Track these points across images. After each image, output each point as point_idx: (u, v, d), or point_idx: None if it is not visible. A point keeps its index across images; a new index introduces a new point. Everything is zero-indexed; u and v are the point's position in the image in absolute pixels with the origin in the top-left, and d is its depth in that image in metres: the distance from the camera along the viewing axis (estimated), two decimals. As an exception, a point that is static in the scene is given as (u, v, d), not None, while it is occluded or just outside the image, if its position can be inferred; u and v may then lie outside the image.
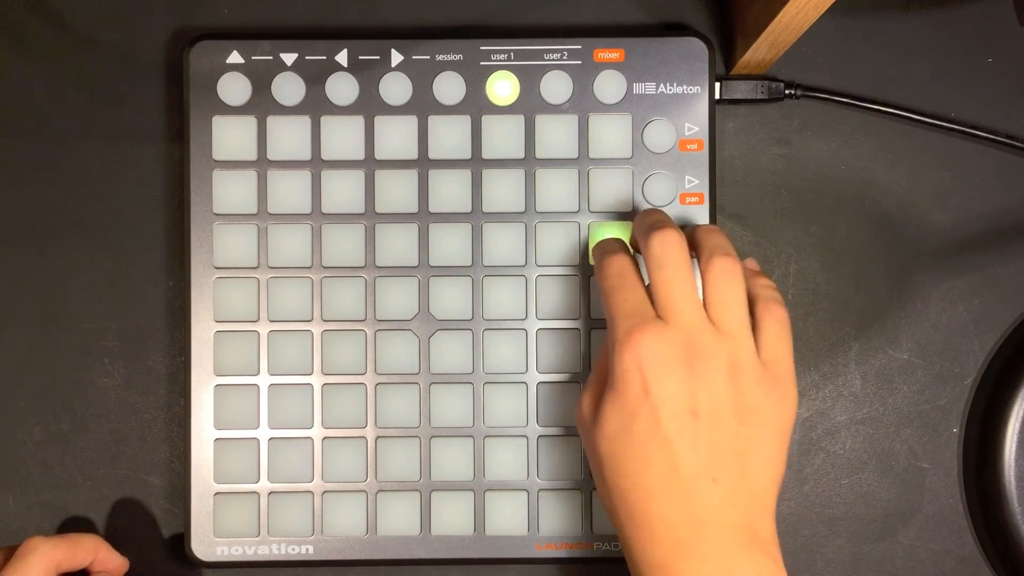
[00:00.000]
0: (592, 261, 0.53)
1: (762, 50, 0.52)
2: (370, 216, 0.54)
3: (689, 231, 0.50)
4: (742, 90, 0.55)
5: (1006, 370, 0.55)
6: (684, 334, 0.46)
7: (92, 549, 0.51)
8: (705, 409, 0.45)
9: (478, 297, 0.54)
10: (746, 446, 0.46)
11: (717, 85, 0.54)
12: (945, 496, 0.56)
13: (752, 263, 0.52)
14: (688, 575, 0.44)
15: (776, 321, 0.48)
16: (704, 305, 0.47)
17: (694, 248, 0.49)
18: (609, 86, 0.54)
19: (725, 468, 0.45)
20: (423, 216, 0.54)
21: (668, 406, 0.45)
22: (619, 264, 0.49)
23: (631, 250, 0.51)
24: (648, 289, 0.48)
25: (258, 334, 0.54)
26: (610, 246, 0.51)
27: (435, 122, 0.54)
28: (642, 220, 0.50)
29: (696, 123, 0.54)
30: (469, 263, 0.54)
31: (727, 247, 0.48)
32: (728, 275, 0.47)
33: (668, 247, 0.47)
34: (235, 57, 0.54)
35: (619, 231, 0.54)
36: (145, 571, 0.55)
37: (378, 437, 0.54)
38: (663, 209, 0.53)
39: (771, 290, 0.49)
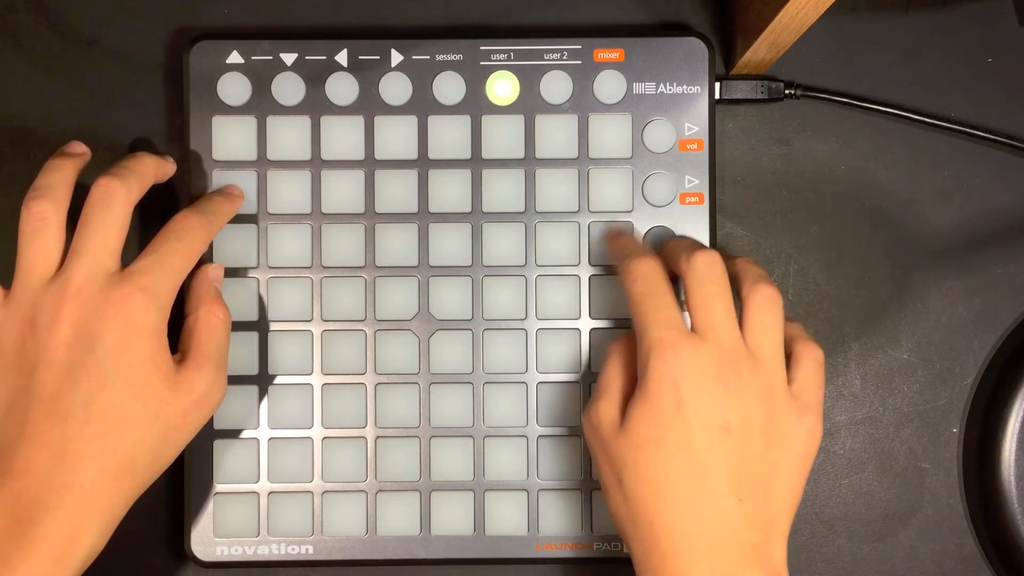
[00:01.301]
0: (612, 261, 0.53)
1: (762, 50, 0.52)
2: (370, 216, 0.54)
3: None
4: (742, 90, 0.55)
5: (1006, 370, 0.55)
6: (719, 352, 0.46)
7: (153, 165, 0.51)
8: (737, 427, 0.46)
9: (478, 297, 0.54)
10: (771, 470, 0.46)
11: (717, 85, 0.54)
12: (945, 496, 0.56)
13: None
14: None
15: (813, 359, 0.48)
16: (741, 329, 0.47)
17: (733, 277, 0.49)
18: (609, 86, 0.54)
19: (750, 489, 0.45)
20: (423, 216, 0.54)
21: (701, 420, 0.45)
22: (648, 268, 0.49)
23: None
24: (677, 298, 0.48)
25: (258, 334, 0.54)
26: (635, 248, 0.51)
27: (435, 122, 0.54)
28: (679, 242, 0.51)
29: (696, 123, 0.54)
30: (469, 263, 0.54)
31: (768, 278, 0.49)
32: (771, 304, 0.48)
33: (713, 265, 0.48)
34: (235, 57, 0.54)
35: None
36: (145, 571, 0.55)
37: (378, 437, 0.54)
38: (663, 209, 0.54)
39: (809, 334, 0.49)
